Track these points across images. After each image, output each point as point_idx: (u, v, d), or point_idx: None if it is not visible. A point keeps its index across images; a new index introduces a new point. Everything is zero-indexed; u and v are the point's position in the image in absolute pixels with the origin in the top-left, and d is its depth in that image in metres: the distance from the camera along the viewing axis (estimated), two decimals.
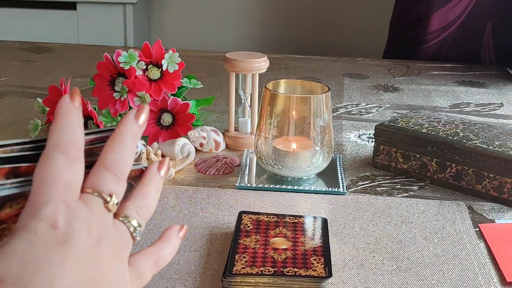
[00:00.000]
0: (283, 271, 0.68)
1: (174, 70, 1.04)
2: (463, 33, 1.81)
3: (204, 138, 1.06)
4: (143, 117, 0.46)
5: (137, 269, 0.45)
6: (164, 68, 1.04)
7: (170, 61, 1.04)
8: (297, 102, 0.93)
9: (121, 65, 1.02)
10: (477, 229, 0.84)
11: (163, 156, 1.01)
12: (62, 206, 0.39)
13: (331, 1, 2.44)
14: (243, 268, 0.68)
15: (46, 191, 0.39)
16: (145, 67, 1.04)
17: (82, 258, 0.39)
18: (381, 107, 1.38)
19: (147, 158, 0.94)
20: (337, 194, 0.93)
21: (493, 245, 0.80)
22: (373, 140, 1.05)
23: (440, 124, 1.00)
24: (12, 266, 0.37)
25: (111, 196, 0.43)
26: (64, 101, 0.42)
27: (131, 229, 0.44)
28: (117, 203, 0.43)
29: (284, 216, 0.81)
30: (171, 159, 1.01)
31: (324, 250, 0.72)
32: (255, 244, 0.73)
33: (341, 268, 0.74)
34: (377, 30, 2.32)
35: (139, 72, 1.03)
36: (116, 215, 0.44)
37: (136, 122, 0.46)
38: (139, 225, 0.44)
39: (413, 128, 0.99)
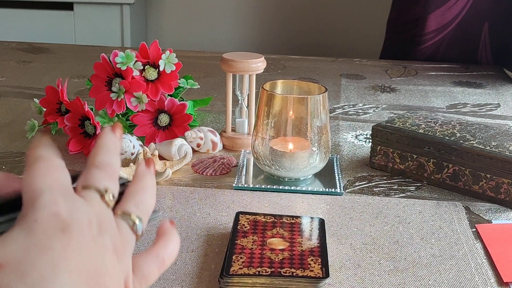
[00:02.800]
0: (280, 271, 0.68)
1: (171, 70, 1.04)
2: (460, 33, 1.81)
3: (201, 138, 1.06)
4: (119, 131, 0.47)
5: (142, 270, 0.44)
6: (161, 68, 1.04)
7: (167, 62, 1.04)
8: (294, 102, 0.93)
9: (118, 65, 1.02)
10: (474, 229, 0.85)
11: (160, 157, 1.01)
12: (60, 196, 0.39)
13: (328, 2, 2.44)
14: (240, 268, 0.68)
15: (39, 185, 0.39)
16: (142, 67, 1.04)
17: (84, 248, 0.38)
18: (378, 107, 1.38)
19: (144, 159, 0.94)
20: (334, 195, 0.93)
21: (490, 246, 0.80)
22: (370, 140, 1.05)
23: (437, 124, 1.01)
24: (13, 252, 0.36)
25: (106, 190, 0.42)
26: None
27: (130, 223, 0.43)
28: (113, 197, 0.43)
29: (281, 216, 0.81)
30: (168, 160, 1.01)
31: (321, 251, 0.72)
32: (252, 245, 0.73)
33: (338, 268, 0.74)
34: (374, 31, 2.33)
35: (136, 73, 1.03)
36: (115, 214, 0.43)
37: (114, 135, 0.47)
38: (140, 219, 0.44)
39: (410, 129, 0.99)
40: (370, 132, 1.05)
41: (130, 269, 0.43)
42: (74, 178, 0.43)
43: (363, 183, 0.98)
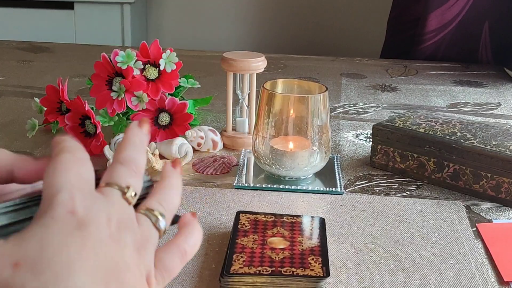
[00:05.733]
0: (281, 270, 0.68)
1: (172, 69, 1.04)
2: (461, 32, 1.81)
3: (202, 138, 1.06)
4: (146, 126, 0.47)
5: (164, 263, 0.44)
6: (161, 67, 1.04)
7: (168, 61, 1.04)
8: (295, 101, 0.93)
9: (118, 64, 1.02)
10: (475, 228, 0.85)
11: (160, 156, 1.01)
12: (78, 194, 0.39)
13: (329, 1, 2.44)
14: (240, 268, 0.68)
15: (59, 180, 0.39)
16: (142, 66, 1.04)
17: (101, 245, 0.38)
18: (379, 106, 1.38)
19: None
20: (334, 194, 0.93)
21: (491, 245, 0.80)
22: (371, 139, 1.05)
23: (437, 123, 1.01)
24: (28, 250, 0.36)
25: (128, 188, 0.42)
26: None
27: (153, 219, 0.43)
28: (135, 195, 0.43)
29: (281, 215, 0.81)
30: (168, 159, 1.01)
31: (322, 250, 0.72)
32: (252, 244, 0.73)
33: (338, 267, 0.74)
34: (374, 30, 2.32)
35: (136, 72, 1.03)
36: (138, 210, 0.43)
37: (141, 130, 0.46)
38: (163, 216, 0.44)
39: (410, 128, 0.99)
40: (371, 131, 1.05)
41: (152, 265, 0.43)
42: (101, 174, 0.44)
43: (363, 182, 0.98)
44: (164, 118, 1.05)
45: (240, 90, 1.10)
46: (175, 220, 0.47)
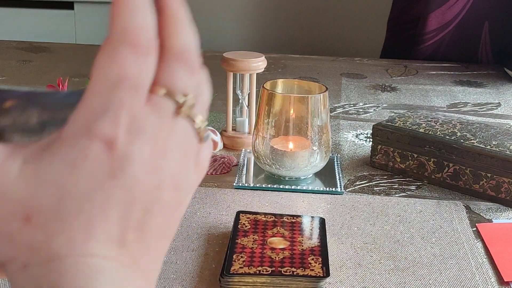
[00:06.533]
0: (281, 270, 0.68)
1: None
2: (461, 33, 1.81)
3: None
4: None
5: (202, 165, 0.35)
6: None
7: None
8: (295, 101, 0.93)
9: None
10: (475, 228, 0.85)
11: None
12: (125, 116, 0.30)
13: (329, 1, 2.44)
14: (240, 268, 0.68)
15: (107, 94, 0.30)
16: None
17: (135, 189, 0.31)
18: (379, 106, 1.38)
19: None
20: (334, 194, 0.93)
21: (491, 245, 0.80)
22: (371, 139, 1.05)
23: (437, 123, 1.01)
24: (46, 199, 0.30)
25: (186, 97, 0.33)
26: None
27: (202, 134, 0.34)
28: (190, 107, 0.33)
29: (281, 215, 0.81)
30: None
31: (322, 250, 0.72)
32: (252, 244, 0.73)
33: (338, 267, 0.74)
34: (374, 30, 2.32)
35: None
36: (177, 110, 0.33)
37: None
38: (206, 125, 0.34)
39: (410, 128, 0.99)
40: (371, 131, 1.05)
41: (190, 177, 0.34)
42: None
43: (363, 182, 0.98)
44: None
45: (240, 90, 1.10)
46: None
